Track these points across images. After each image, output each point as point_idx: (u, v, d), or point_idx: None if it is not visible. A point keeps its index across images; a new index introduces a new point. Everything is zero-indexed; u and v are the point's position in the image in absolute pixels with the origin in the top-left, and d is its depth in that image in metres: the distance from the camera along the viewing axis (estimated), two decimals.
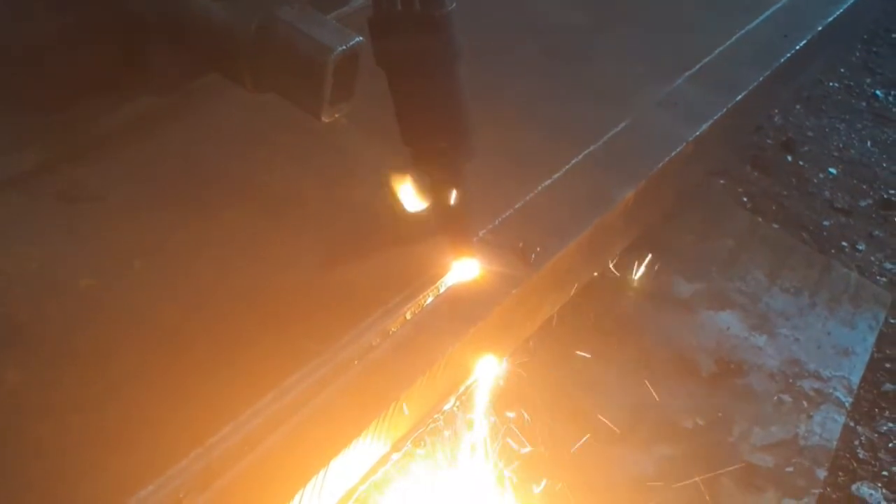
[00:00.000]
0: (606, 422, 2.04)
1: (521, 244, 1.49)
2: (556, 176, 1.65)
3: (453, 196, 1.38)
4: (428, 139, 1.35)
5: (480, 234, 1.51)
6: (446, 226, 1.42)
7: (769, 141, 3.32)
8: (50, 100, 1.38)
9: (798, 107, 3.57)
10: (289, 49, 1.27)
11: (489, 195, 1.54)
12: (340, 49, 1.25)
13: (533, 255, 1.48)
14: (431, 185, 1.39)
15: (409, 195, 1.40)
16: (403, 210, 1.42)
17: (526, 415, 1.94)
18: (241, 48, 1.29)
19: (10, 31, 1.32)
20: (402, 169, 1.40)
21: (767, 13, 2.27)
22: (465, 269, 1.44)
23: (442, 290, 1.42)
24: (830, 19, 2.32)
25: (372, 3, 1.30)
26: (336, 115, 1.31)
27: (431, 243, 1.45)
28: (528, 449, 1.89)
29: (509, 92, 1.79)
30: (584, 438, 1.97)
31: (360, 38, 1.28)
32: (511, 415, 1.92)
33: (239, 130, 1.61)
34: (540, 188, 1.62)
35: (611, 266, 2.26)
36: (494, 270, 1.46)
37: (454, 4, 1.28)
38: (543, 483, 1.85)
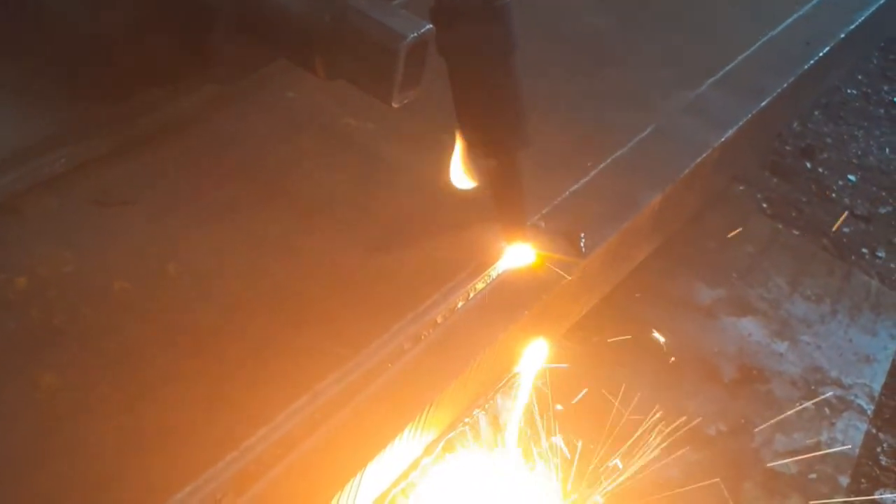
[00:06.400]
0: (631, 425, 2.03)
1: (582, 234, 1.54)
2: (583, 180, 1.65)
3: (507, 183, 1.41)
4: (485, 126, 1.38)
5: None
6: (499, 212, 1.45)
7: (788, 147, 3.31)
8: (100, 95, 1.40)
9: (816, 113, 3.56)
10: (362, 37, 1.30)
11: None
12: (412, 36, 1.28)
13: (582, 242, 1.50)
14: (487, 172, 1.41)
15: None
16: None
17: (550, 418, 1.94)
18: (316, 37, 1.32)
19: (73, 23, 1.34)
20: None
21: (789, 20, 2.27)
22: (515, 256, 1.48)
23: (478, 287, 1.43)
24: (852, 27, 2.32)
25: None
26: (405, 101, 1.33)
27: (463, 241, 1.48)
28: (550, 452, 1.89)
29: (534, 96, 1.78)
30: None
31: (431, 25, 1.30)
32: (537, 417, 1.91)
33: (265, 134, 1.62)
34: (567, 193, 1.62)
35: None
36: (544, 256, 1.50)
37: None
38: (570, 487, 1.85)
